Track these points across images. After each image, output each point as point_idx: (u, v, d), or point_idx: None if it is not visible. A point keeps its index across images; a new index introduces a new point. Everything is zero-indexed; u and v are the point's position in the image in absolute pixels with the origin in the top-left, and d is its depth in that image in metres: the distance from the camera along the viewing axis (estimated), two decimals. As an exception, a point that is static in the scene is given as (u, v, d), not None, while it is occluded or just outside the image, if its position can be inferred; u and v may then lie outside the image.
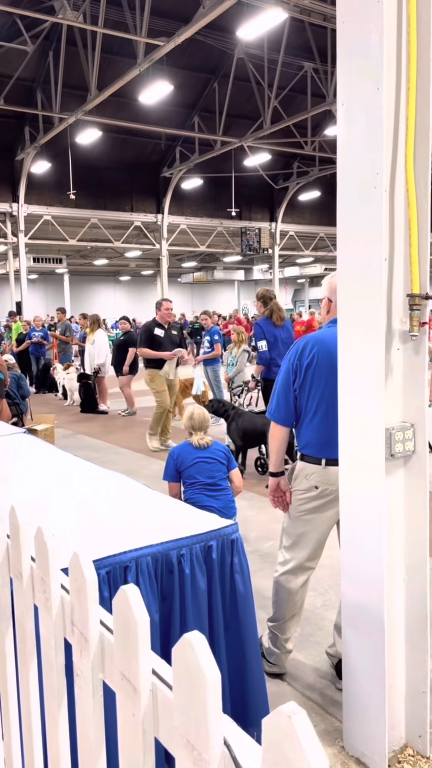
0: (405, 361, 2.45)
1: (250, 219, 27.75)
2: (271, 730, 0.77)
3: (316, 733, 0.74)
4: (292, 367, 2.95)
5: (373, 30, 2.19)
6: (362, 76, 2.26)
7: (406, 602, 2.48)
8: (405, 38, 2.25)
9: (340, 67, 2.34)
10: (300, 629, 3.37)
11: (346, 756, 2.44)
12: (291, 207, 28.54)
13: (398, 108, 2.28)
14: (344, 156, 2.37)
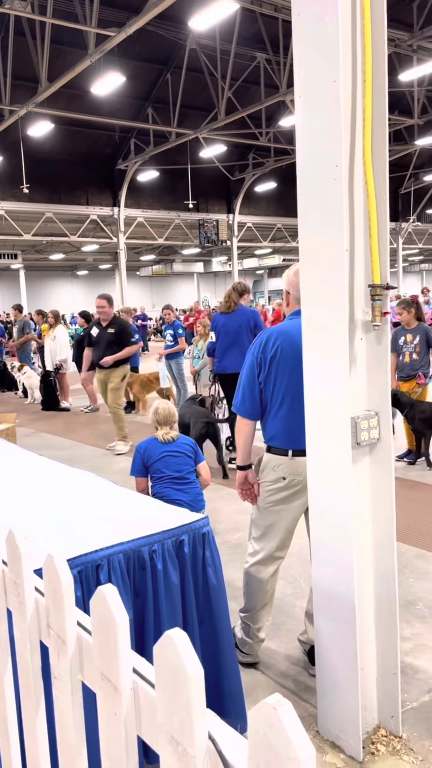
0: (368, 350, 2.49)
1: (208, 211, 27.69)
2: (257, 721, 0.78)
3: (300, 725, 0.75)
4: (256, 360, 2.97)
5: (329, 23, 2.21)
6: (319, 68, 2.27)
7: (376, 586, 2.53)
8: (360, 30, 2.27)
9: (297, 60, 2.35)
10: (271, 618, 3.41)
11: (321, 740, 2.49)
12: (248, 198, 28.57)
13: (355, 100, 2.30)
14: (303, 148, 2.39)
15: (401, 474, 6.36)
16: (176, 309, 11.77)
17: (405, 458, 6.90)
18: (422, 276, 49.78)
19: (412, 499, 5.55)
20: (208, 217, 26.92)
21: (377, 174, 2.36)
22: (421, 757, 2.39)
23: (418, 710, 2.67)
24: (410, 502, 5.49)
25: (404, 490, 5.83)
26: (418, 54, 15.25)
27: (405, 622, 3.40)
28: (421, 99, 20.66)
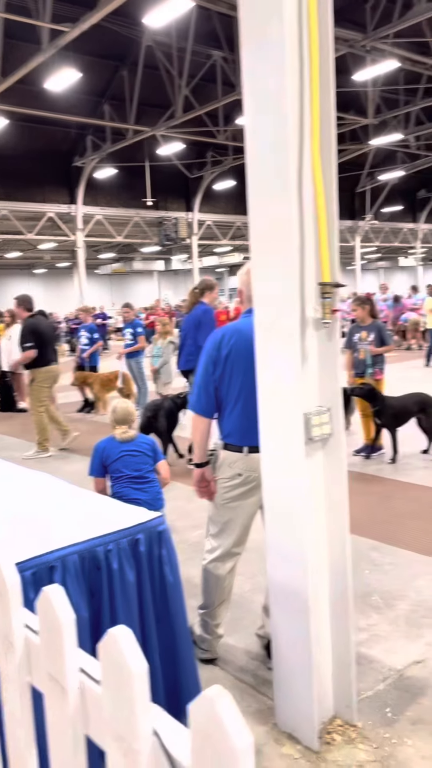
0: (319, 347, 2.53)
1: (167, 209, 27.60)
2: (196, 714, 0.79)
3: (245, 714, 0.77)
4: (211, 358, 2.99)
5: (274, 26, 2.23)
6: (266, 71, 2.30)
7: (330, 579, 2.58)
8: (306, 34, 2.30)
9: (245, 63, 2.37)
10: (230, 614, 3.42)
11: (279, 732, 2.53)
12: (207, 196, 28.59)
13: (302, 101, 2.33)
14: (253, 149, 2.41)
15: (359, 468, 6.47)
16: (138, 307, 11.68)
17: (362, 453, 7.02)
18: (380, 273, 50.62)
19: (369, 493, 5.66)
20: (168, 215, 26.84)
21: (325, 173, 2.40)
22: (375, 744, 2.44)
23: (373, 699, 2.73)
24: (367, 495, 5.59)
25: (361, 484, 5.94)
26: (372, 54, 15.48)
27: (361, 614, 3.46)
28: (375, 99, 20.99)
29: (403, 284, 38.78)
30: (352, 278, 37.99)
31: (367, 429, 7.11)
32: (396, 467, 6.43)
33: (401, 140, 24.34)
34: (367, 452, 7.01)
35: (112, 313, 27.57)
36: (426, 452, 6.85)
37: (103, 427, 8.86)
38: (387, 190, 32.29)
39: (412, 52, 15.92)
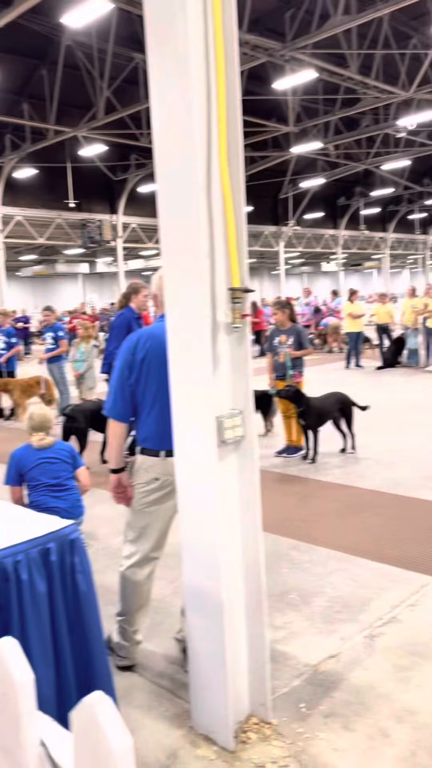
0: (231, 351, 2.57)
1: (91, 211, 27.21)
2: (77, 721, 0.79)
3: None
4: (126, 362, 2.97)
5: (179, 32, 2.25)
6: (173, 76, 2.31)
7: (245, 579, 2.61)
8: (212, 39, 2.33)
9: (152, 68, 2.38)
10: (150, 619, 3.41)
11: (195, 735, 2.54)
12: (132, 199, 28.38)
13: (209, 108, 2.36)
14: (161, 155, 2.43)
15: (281, 469, 6.60)
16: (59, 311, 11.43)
17: (284, 454, 7.16)
18: (303, 278, 51.77)
19: (290, 493, 5.78)
20: (91, 217, 26.45)
21: (233, 180, 2.44)
22: (289, 740, 2.49)
23: (289, 695, 2.79)
24: (288, 495, 5.71)
25: (283, 485, 6.06)
26: (291, 64, 15.83)
27: (278, 612, 3.53)
28: (296, 108, 21.48)
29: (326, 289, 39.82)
30: (276, 283, 38.69)
31: (288, 430, 7.26)
32: (316, 467, 6.59)
33: (321, 149, 25.00)
34: (289, 453, 7.15)
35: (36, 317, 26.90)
36: (343, 451, 7.09)
37: (23, 434, 8.64)
38: (309, 196, 33.08)
39: (330, 64, 16.40)
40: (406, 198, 38.22)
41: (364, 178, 34.19)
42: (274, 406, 7.94)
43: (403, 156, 27.27)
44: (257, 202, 31.53)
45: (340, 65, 16.74)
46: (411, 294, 14.70)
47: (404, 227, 41.60)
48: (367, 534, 4.64)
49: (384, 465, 6.47)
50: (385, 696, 2.74)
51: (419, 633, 3.24)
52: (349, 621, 3.40)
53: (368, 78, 17.28)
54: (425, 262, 44.32)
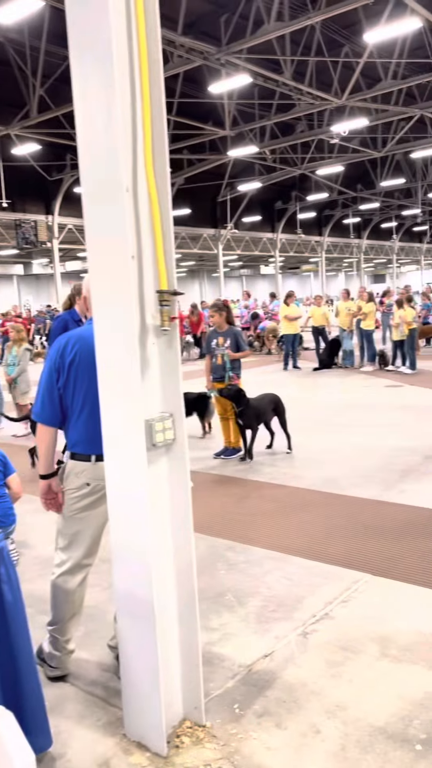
0: (160, 354, 2.55)
1: (25, 211, 26.59)
2: (-24, 742, 0.76)
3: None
4: (55, 365, 2.92)
5: (102, 30, 2.22)
6: (95, 77, 2.29)
7: (176, 583, 2.60)
8: (135, 42, 2.32)
9: (74, 68, 2.35)
10: (84, 627, 3.36)
11: (128, 742, 2.51)
12: (68, 200, 27.91)
13: (134, 108, 2.35)
14: (85, 156, 2.39)
15: (218, 471, 6.62)
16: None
17: (221, 455, 7.19)
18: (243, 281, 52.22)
19: (227, 494, 5.80)
20: (26, 218, 25.85)
21: (159, 182, 2.42)
22: (223, 742, 2.50)
23: (223, 697, 2.79)
24: (225, 497, 5.73)
25: (220, 486, 6.08)
26: (226, 68, 15.95)
27: (214, 613, 3.54)
28: (232, 111, 21.65)
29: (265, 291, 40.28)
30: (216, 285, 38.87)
31: (226, 432, 7.30)
32: (253, 468, 6.64)
33: (257, 153, 25.28)
34: (226, 455, 7.18)
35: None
36: (269, 447, 7.26)
37: None
38: (246, 200, 33.39)
39: (265, 69, 16.62)
40: (341, 203, 39.12)
41: (300, 183, 34.78)
42: (211, 408, 7.96)
43: (337, 161, 27.90)
44: (196, 204, 31.61)
45: (275, 71, 16.99)
46: (345, 297, 15.05)
47: (339, 231, 42.56)
48: (302, 533, 4.71)
49: (319, 464, 6.59)
50: (317, 692, 2.78)
51: (351, 628, 3.31)
52: (284, 620, 3.44)
53: (302, 84, 17.60)
54: (360, 265, 45.48)
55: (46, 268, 31.93)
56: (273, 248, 38.21)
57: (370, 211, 40.79)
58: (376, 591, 3.72)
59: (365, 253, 46.33)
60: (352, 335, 14.76)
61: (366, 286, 37.07)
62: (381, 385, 11.93)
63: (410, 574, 3.89)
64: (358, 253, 45.20)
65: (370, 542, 4.44)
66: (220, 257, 34.66)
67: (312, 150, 27.38)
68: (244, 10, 15.29)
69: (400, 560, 4.11)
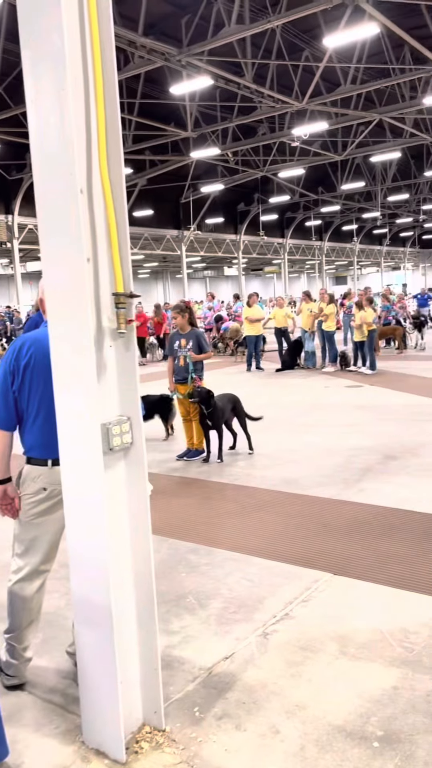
0: (117, 357, 2.53)
1: (-16, 211, 26.20)
2: None
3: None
4: (10, 368, 2.87)
5: (53, 29, 2.20)
6: (48, 77, 2.26)
7: (135, 587, 2.58)
8: (89, 43, 2.30)
9: (26, 67, 2.31)
10: (42, 634, 3.31)
11: (86, 750, 2.48)
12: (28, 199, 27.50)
13: (89, 110, 2.32)
14: (38, 156, 2.35)
15: (181, 473, 6.61)
16: None
17: (185, 457, 7.18)
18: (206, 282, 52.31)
19: (190, 496, 5.79)
20: (-15, 218, 25.45)
21: (114, 184, 2.41)
22: (182, 746, 2.49)
23: (183, 700, 2.78)
24: (188, 498, 5.72)
25: (182, 488, 6.06)
26: (188, 70, 15.95)
27: (174, 616, 3.53)
28: (194, 113, 21.67)
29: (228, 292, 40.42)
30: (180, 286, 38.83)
31: (189, 433, 7.29)
32: (216, 469, 6.65)
33: (220, 155, 25.36)
34: (189, 456, 7.17)
35: None
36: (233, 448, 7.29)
37: None
38: (209, 202, 33.47)
39: (226, 71, 16.67)
40: (303, 205, 39.51)
41: (263, 185, 35.02)
42: (173, 410, 7.95)
43: (298, 164, 28.17)
44: (159, 206, 31.54)
45: (236, 73, 17.06)
46: (307, 298, 15.19)
47: (301, 233, 42.98)
48: (263, 533, 4.73)
49: (281, 464, 6.64)
50: (276, 693, 2.80)
51: (310, 628, 3.33)
52: (244, 621, 3.45)
53: (263, 87, 17.72)
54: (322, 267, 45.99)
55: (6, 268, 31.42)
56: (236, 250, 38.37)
57: (331, 213, 41.30)
58: (336, 590, 3.76)
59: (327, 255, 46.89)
60: (313, 336, 14.91)
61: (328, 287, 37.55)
62: (342, 385, 12.09)
63: (368, 572, 3.94)
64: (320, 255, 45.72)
65: (330, 541, 4.48)
66: (184, 258, 34.65)
67: (274, 153, 27.59)
68: (205, 12, 15.32)
69: (359, 558, 4.16)
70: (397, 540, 4.44)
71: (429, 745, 2.42)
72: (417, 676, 2.86)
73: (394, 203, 39.96)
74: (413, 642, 3.14)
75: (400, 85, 20.13)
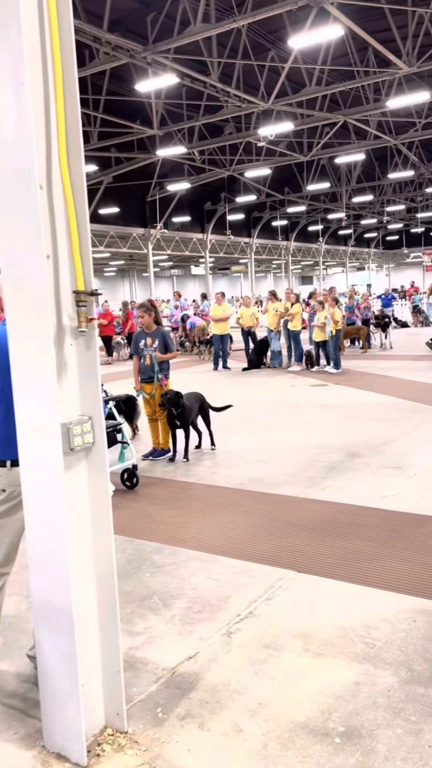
0: (78, 356, 2.50)
1: None
2: None
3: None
4: (-32, 367, 2.81)
5: (11, 24, 2.16)
6: (5, 71, 2.21)
7: (97, 589, 2.55)
8: (48, 37, 2.26)
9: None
10: (2, 638, 3.26)
11: (47, 754, 2.44)
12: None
13: (48, 104, 2.29)
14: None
15: (147, 473, 6.57)
16: None
17: (150, 457, 7.14)
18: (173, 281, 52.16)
19: (155, 496, 5.76)
20: None
21: (74, 179, 2.37)
22: (144, 747, 2.47)
23: (145, 702, 2.76)
24: (153, 498, 5.69)
25: (148, 488, 6.03)
26: (153, 67, 15.87)
27: (138, 617, 3.50)
28: (160, 111, 21.57)
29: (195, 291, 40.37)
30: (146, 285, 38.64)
31: (155, 433, 7.26)
32: (182, 468, 6.63)
33: (186, 153, 25.30)
34: (155, 456, 7.14)
35: None
36: (198, 447, 7.33)
37: None
38: (176, 200, 33.35)
39: (192, 70, 16.64)
40: (269, 205, 39.69)
41: (229, 185, 35.05)
42: (138, 410, 7.90)
43: (265, 164, 28.28)
44: (125, 203, 31.31)
45: (202, 72, 17.04)
46: (273, 298, 15.27)
47: (268, 233, 43.16)
48: (229, 532, 4.73)
49: (247, 463, 6.65)
50: (240, 691, 2.80)
51: (274, 625, 3.35)
52: (208, 620, 3.44)
53: (229, 87, 17.73)
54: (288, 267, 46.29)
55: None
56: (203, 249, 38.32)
57: (297, 213, 41.58)
58: (300, 587, 3.78)
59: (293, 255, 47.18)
60: (279, 336, 15.00)
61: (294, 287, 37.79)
62: (307, 384, 12.18)
63: (331, 569, 3.98)
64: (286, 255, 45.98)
65: (294, 539, 4.51)
66: (150, 257, 34.47)
67: (240, 152, 27.64)
68: (171, 10, 15.26)
69: (322, 556, 4.20)
70: (361, 537, 4.49)
71: (389, 739, 2.46)
72: (378, 672, 2.89)
73: (359, 204, 40.42)
74: (375, 638, 3.18)
75: (365, 88, 20.35)
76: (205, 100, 20.21)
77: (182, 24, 14.68)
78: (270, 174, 31.43)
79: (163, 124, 21.99)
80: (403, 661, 2.96)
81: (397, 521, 4.77)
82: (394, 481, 5.77)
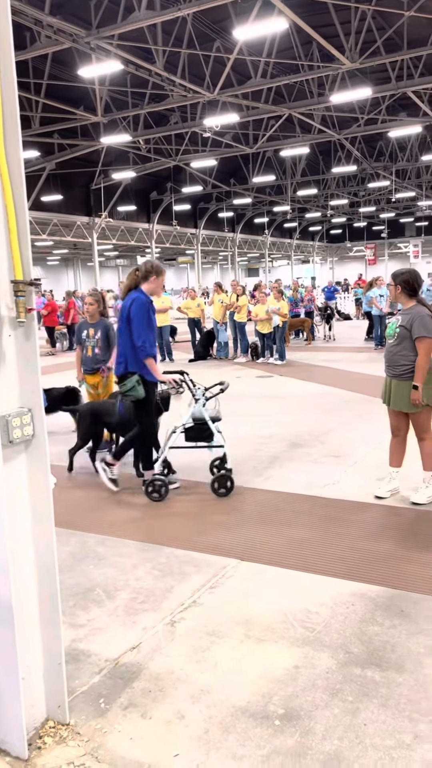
0: (17, 347, 2.46)
1: None
2: None
3: None
4: None
5: None
6: None
7: (38, 582, 2.53)
8: (-17, 18, 2.21)
9: None
10: None
11: (-13, 750, 2.42)
12: None
13: (-17, 90, 2.23)
14: None
15: (90, 465, 6.50)
16: None
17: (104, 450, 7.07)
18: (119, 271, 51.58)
19: (99, 488, 5.72)
20: None
21: (12, 167, 2.33)
22: (86, 738, 2.47)
23: (88, 693, 2.76)
24: (97, 490, 5.65)
25: (92, 480, 5.98)
26: (97, 53, 15.59)
27: (82, 609, 3.49)
28: (104, 98, 21.22)
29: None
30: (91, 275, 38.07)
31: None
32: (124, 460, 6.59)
33: (131, 142, 25.00)
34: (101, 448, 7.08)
35: None
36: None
37: None
38: (121, 189, 32.95)
39: (136, 57, 16.42)
40: (215, 196, 39.70)
41: (175, 175, 34.86)
42: (81, 402, 7.81)
43: (211, 155, 28.24)
44: (68, 191, 30.73)
45: (147, 60, 16.84)
46: (218, 289, 15.31)
47: (214, 224, 43.20)
48: (173, 523, 4.75)
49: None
50: (182, 679, 2.83)
51: (217, 613, 3.39)
52: (152, 611, 3.46)
53: (174, 76, 17.59)
54: (234, 258, 46.47)
55: None
56: (149, 239, 38.04)
57: (243, 205, 41.74)
58: (243, 575, 3.84)
59: (239, 247, 47.38)
60: (225, 327, 15.07)
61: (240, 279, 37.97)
62: (253, 375, 12.30)
63: (274, 557, 4.05)
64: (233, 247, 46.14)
65: (238, 528, 4.57)
66: (95, 246, 33.98)
67: (186, 142, 27.51)
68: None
69: (266, 544, 4.27)
70: (303, 525, 4.59)
71: (327, 719, 2.54)
72: (317, 655, 2.98)
73: (304, 198, 40.92)
74: (314, 622, 3.27)
75: (309, 82, 20.55)
76: (150, 89, 20.01)
77: (127, 10, 14.46)
78: (216, 165, 31.41)
79: (107, 111, 21.65)
80: (341, 644, 3.06)
81: (337, 508, 4.89)
82: (334, 469, 5.91)
